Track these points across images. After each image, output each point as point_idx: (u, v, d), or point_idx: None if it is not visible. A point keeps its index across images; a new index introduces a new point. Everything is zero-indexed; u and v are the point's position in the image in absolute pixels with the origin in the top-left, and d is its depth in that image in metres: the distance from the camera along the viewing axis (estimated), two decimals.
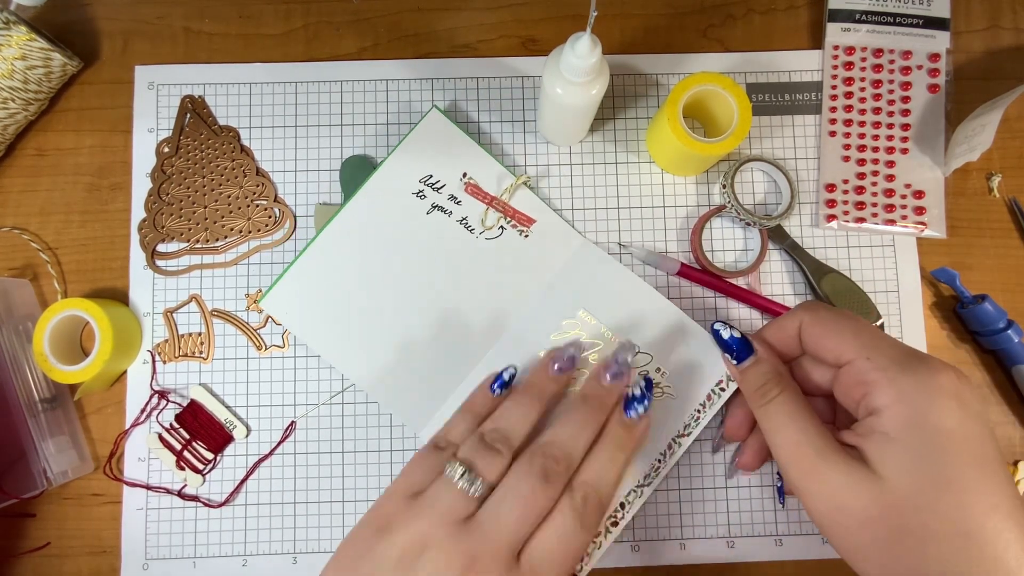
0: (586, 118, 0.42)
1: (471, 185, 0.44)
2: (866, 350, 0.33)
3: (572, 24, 0.47)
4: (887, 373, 0.32)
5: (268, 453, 0.43)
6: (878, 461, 0.31)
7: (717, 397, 0.41)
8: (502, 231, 0.44)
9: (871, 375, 0.32)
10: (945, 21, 0.47)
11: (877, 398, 0.32)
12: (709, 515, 0.43)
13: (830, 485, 0.31)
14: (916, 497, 0.29)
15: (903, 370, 0.31)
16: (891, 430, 0.31)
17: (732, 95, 0.40)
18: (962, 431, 0.29)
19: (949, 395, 0.30)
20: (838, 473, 0.31)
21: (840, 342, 0.34)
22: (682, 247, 0.45)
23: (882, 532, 0.30)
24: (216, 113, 0.46)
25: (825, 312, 0.36)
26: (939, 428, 0.30)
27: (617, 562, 0.42)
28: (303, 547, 0.42)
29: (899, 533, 0.29)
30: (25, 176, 0.45)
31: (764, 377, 0.36)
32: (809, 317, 0.36)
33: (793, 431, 0.33)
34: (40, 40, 0.42)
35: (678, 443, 0.41)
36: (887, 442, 0.31)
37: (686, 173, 0.46)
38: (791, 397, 0.35)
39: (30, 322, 0.43)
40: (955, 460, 0.29)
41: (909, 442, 0.30)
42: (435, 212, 0.43)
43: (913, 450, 0.30)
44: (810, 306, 0.36)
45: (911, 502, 0.29)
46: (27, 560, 0.43)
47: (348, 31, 0.47)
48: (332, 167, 0.45)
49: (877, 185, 0.45)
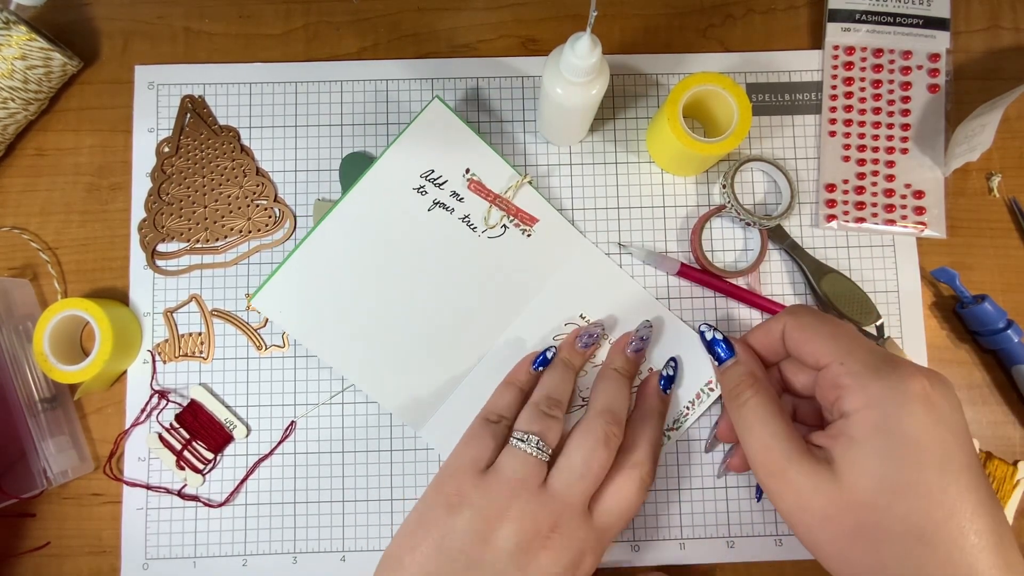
0: (586, 118, 0.42)
1: (474, 182, 0.43)
2: (841, 355, 0.34)
3: (572, 24, 0.47)
4: (859, 378, 0.32)
5: (268, 453, 0.43)
6: (841, 463, 0.32)
7: (706, 396, 0.42)
8: (504, 230, 0.43)
9: (843, 379, 0.33)
10: (945, 21, 0.47)
11: (848, 402, 0.33)
12: (709, 515, 0.43)
13: (794, 486, 0.33)
14: (873, 499, 0.30)
15: (875, 376, 0.32)
16: (857, 433, 0.32)
17: (732, 95, 0.40)
18: (927, 436, 0.30)
19: (917, 401, 0.31)
20: (802, 475, 0.32)
21: (818, 346, 0.35)
22: (682, 247, 0.45)
23: (840, 530, 0.31)
24: (216, 113, 0.46)
25: (807, 317, 0.36)
26: (903, 433, 0.30)
27: (617, 562, 0.42)
28: (303, 547, 0.42)
29: (855, 532, 0.31)
30: (25, 176, 0.45)
31: (739, 378, 0.37)
32: (792, 321, 0.37)
33: (763, 433, 0.35)
34: (40, 40, 0.42)
35: (667, 436, 0.43)
36: (852, 445, 0.32)
37: (686, 173, 0.46)
38: (764, 400, 0.36)
39: (30, 322, 0.43)
40: (916, 464, 0.30)
41: (873, 445, 0.31)
42: (436, 209, 0.43)
43: (875, 453, 0.31)
44: (794, 310, 0.37)
45: (868, 503, 0.30)
46: (27, 560, 0.43)
47: (348, 31, 0.47)
48: (332, 167, 0.45)
49: (877, 185, 0.45)
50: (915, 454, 0.30)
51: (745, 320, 0.44)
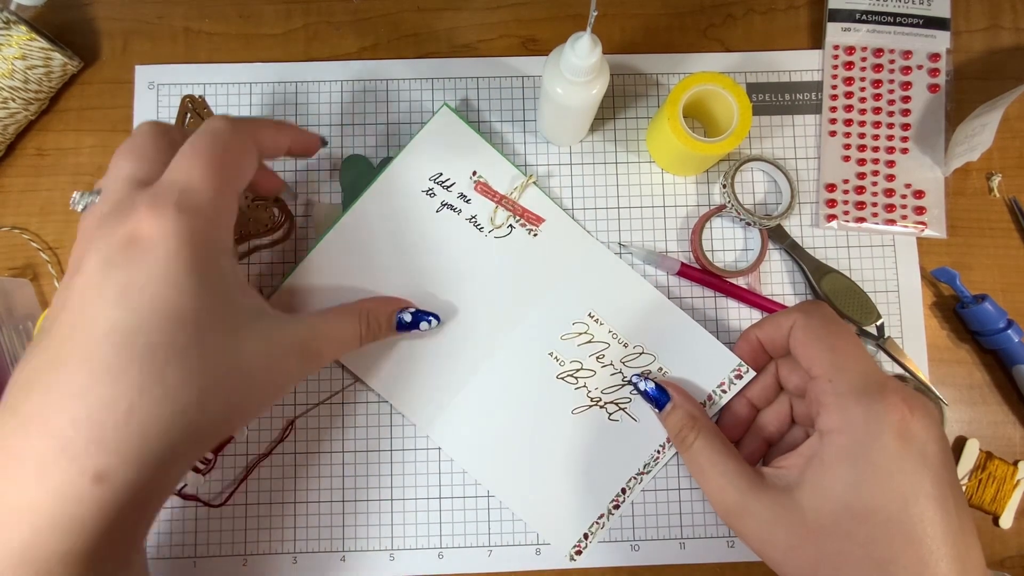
0: (586, 118, 0.42)
1: (481, 183, 0.43)
2: (832, 371, 0.33)
3: (572, 24, 0.47)
4: (841, 399, 0.32)
5: (267, 452, 0.43)
6: (806, 486, 0.32)
7: (719, 397, 0.41)
8: (511, 230, 0.43)
9: (827, 397, 0.33)
10: (945, 21, 0.47)
11: (824, 420, 0.33)
12: (709, 515, 0.43)
13: (755, 521, 0.33)
14: (835, 524, 0.31)
15: (857, 400, 0.32)
16: (827, 456, 0.32)
17: (732, 95, 0.40)
18: (895, 466, 0.30)
19: (892, 430, 0.30)
20: (762, 508, 0.33)
21: (815, 355, 0.34)
22: (682, 247, 0.45)
23: (805, 560, 0.31)
24: (216, 113, 0.46)
25: (817, 319, 0.35)
26: (870, 461, 0.30)
27: (617, 562, 0.42)
28: (303, 547, 0.42)
29: (819, 561, 0.31)
30: (25, 176, 0.45)
31: (680, 422, 0.38)
32: (801, 320, 0.36)
33: (714, 474, 0.35)
34: (40, 40, 0.42)
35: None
36: (820, 467, 0.32)
37: (686, 173, 0.46)
38: (708, 441, 0.36)
39: (30, 322, 0.43)
40: (880, 492, 0.30)
41: (840, 470, 0.31)
42: (444, 210, 0.43)
43: (841, 478, 0.31)
44: (807, 308, 0.36)
45: (829, 529, 0.31)
46: None
47: (348, 31, 0.47)
48: (332, 167, 0.45)
49: (877, 185, 0.45)
50: (881, 482, 0.30)
51: (745, 320, 0.44)
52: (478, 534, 0.42)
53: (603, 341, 0.43)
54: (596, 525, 0.42)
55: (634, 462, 0.42)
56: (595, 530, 0.42)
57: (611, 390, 0.42)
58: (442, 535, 0.42)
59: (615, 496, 0.42)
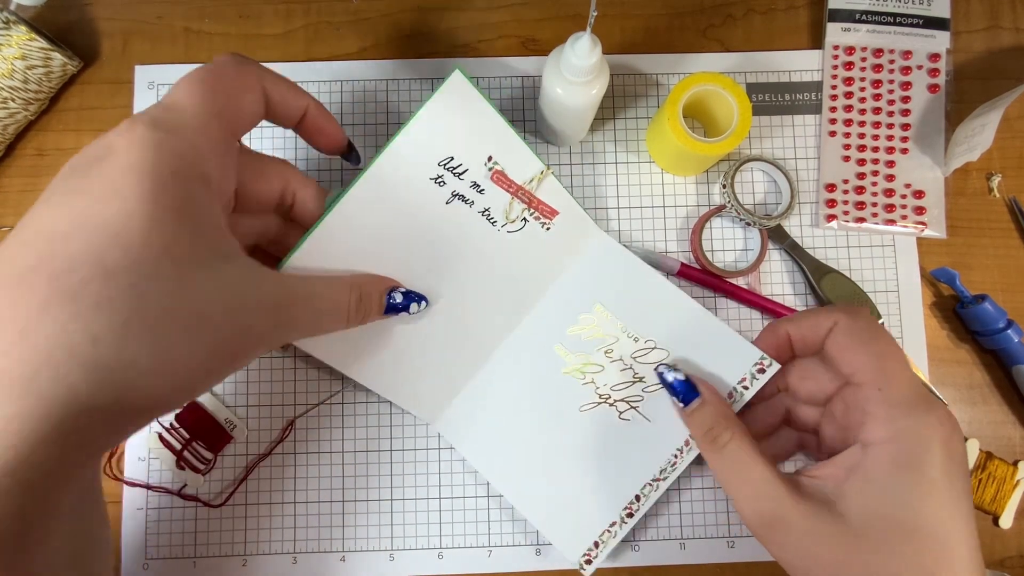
0: (586, 118, 0.42)
1: (497, 172, 0.40)
2: (882, 379, 0.32)
3: (572, 24, 0.47)
4: (891, 410, 0.31)
5: (267, 452, 0.43)
6: (850, 502, 0.30)
7: (740, 395, 0.38)
8: (524, 223, 0.41)
9: (875, 407, 0.32)
10: (945, 21, 0.47)
11: (871, 431, 0.31)
12: (709, 515, 0.43)
13: (795, 533, 0.31)
14: (883, 540, 0.29)
15: (907, 411, 0.31)
16: (873, 469, 0.31)
17: (732, 95, 0.40)
18: (946, 482, 0.30)
19: (940, 444, 0.30)
20: (801, 519, 0.30)
21: (863, 362, 0.33)
22: (682, 247, 0.45)
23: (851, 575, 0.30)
24: None
25: (863, 323, 0.34)
26: (923, 474, 0.30)
27: (617, 562, 0.42)
28: (303, 547, 0.42)
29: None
30: (25, 176, 0.45)
31: (712, 421, 0.35)
32: (846, 322, 0.34)
33: (748, 480, 0.32)
34: (40, 40, 0.42)
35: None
36: (866, 481, 0.31)
37: (686, 173, 0.46)
38: (744, 442, 0.33)
39: None
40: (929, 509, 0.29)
41: (889, 485, 0.30)
42: (456, 201, 0.39)
43: (891, 494, 0.30)
44: (852, 311, 0.34)
45: (876, 546, 0.29)
46: None
47: (348, 31, 0.47)
48: (332, 167, 0.45)
49: (877, 185, 0.45)
50: (932, 498, 0.29)
51: (745, 320, 0.44)
52: (478, 534, 0.42)
53: (611, 335, 0.41)
54: (608, 533, 0.40)
55: (649, 466, 0.40)
56: (606, 539, 0.40)
57: (621, 387, 0.41)
58: (442, 535, 0.42)
59: (628, 503, 0.40)
